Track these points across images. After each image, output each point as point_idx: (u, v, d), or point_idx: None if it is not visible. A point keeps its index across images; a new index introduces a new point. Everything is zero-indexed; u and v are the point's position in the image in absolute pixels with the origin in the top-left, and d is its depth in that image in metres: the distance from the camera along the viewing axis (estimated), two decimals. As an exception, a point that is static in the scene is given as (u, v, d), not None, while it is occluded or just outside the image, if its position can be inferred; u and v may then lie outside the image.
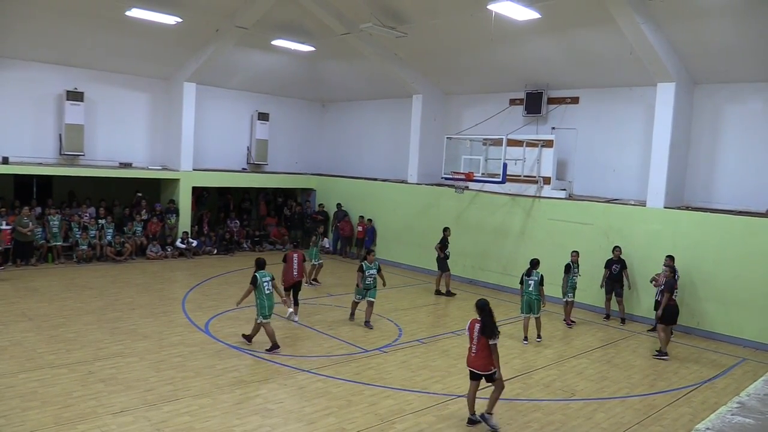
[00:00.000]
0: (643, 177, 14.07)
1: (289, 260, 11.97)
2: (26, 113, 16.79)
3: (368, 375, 9.31)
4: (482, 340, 7.54)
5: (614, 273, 13.31)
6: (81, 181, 18.00)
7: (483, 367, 7.57)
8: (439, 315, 13.41)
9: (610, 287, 13.48)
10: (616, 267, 13.29)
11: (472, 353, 7.66)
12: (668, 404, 8.86)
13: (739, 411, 2.89)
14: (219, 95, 20.31)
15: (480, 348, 7.57)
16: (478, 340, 7.58)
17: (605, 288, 13.58)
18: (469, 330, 7.75)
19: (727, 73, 13.21)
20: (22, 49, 16.19)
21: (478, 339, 7.59)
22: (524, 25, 13.55)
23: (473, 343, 7.65)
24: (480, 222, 16.76)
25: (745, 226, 12.23)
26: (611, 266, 13.38)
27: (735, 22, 11.72)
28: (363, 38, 16.78)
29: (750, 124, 13.28)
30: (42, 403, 7.51)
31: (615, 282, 13.37)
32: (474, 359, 7.65)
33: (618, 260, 13.30)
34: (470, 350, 7.71)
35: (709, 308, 12.68)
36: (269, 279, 10.14)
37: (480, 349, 7.57)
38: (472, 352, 7.66)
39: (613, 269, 13.33)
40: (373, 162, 21.45)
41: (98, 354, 9.46)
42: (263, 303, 10.01)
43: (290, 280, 11.95)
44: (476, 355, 7.61)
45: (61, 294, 13.08)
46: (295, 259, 11.97)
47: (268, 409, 7.85)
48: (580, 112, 15.95)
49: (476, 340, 7.60)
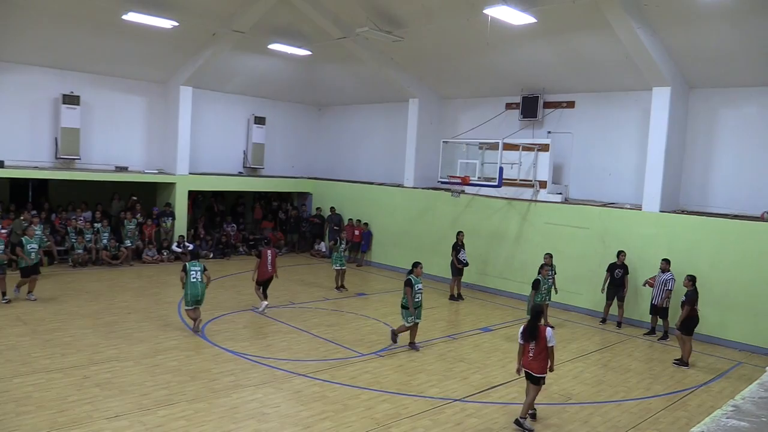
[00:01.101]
0: (639, 181, 14.11)
1: (264, 256, 12.90)
2: (22, 117, 16.75)
3: (364, 379, 9.30)
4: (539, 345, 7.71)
5: (616, 277, 13.28)
6: (77, 185, 17.95)
7: (537, 369, 7.73)
8: (435, 319, 13.40)
9: (612, 292, 13.43)
10: (618, 272, 13.27)
11: (529, 356, 7.78)
12: (664, 408, 8.88)
13: (734, 414, 2.90)
14: (215, 99, 20.32)
15: (537, 351, 7.72)
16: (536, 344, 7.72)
17: (607, 292, 13.57)
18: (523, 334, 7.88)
19: (722, 78, 13.28)
20: (18, 53, 16.16)
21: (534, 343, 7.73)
22: (520, 30, 13.59)
23: (529, 347, 7.78)
24: (476, 226, 16.77)
25: (741, 230, 12.27)
26: (614, 270, 13.40)
27: (730, 27, 11.78)
28: (359, 42, 16.82)
29: (745, 129, 13.34)
30: (37, 408, 7.48)
31: (617, 286, 13.34)
32: (528, 362, 7.79)
33: (622, 265, 13.30)
34: (527, 354, 7.81)
35: (704, 312, 12.64)
36: (198, 269, 10.94)
37: (537, 352, 7.71)
38: (530, 356, 7.78)
39: (616, 273, 13.32)
40: (370, 166, 21.46)
41: (93, 358, 9.42)
42: (186, 290, 10.88)
43: (264, 275, 12.87)
44: (533, 357, 7.74)
45: (56, 298, 13.03)
46: (269, 255, 12.90)
47: (264, 413, 7.83)
48: (576, 116, 16.00)
49: (533, 344, 7.74)
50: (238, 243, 20.38)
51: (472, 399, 8.76)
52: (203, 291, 11.02)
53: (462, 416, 8.14)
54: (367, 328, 12.25)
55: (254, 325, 11.99)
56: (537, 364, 7.73)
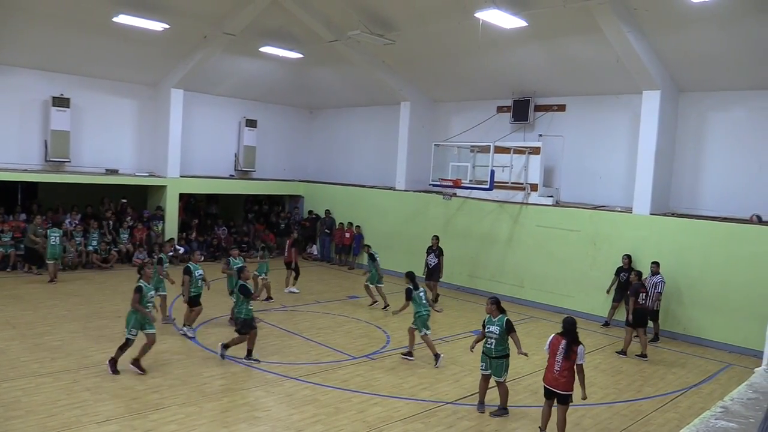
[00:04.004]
0: (629, 184, 14.18)
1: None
2: (11, 119, 16.64)
3: (356, 382, 9.28)
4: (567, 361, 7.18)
5: (622, 281, 13.27)
6: (67, 188, 17.84)
7: (564, 386, 7.23)
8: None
9: (618, 295, 13.42)
10: (623, 275, 13.28)
11: (555, 371, 7.27)
12: (655, 410, 8.91)
13: (722, 415, 2.92)
14: (207, 102, 20.26)
15: (564, 367, 7.20)
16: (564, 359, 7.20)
17: (614, 295, 13.60)
18: (551, 346, 7.37)
19: (712, 82, 13.39)
20: (8, 55, 16.05)
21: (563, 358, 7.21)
22: (511, 34, 13.65)
23: (555, 360, 7.26)
24: (468, 229, 16.80)
25: (730, 233, 12.36)
26: (620, 274, 13.43)
27: (719, 31, 11.88)
28: (351, 45, 16.82)
29: (734, 132, 13.45)
30: (26, 413, 7.41)
31: (624, 290, 13.30)
32: (554, 378, 7.29)
33: (628, 268, 13.30)
34: (552, 368, 7.31)
35: (694, 314, 12.78)
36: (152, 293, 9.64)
37: (564, 368, 7.20)
38: (555, 370, 7.27)
39: (621, 277, 13.33)
40: (361, 169, 21.46)
41: (83, 362, 9.36)
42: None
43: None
44: (559, 373, 7.24)
45: (45, 301, 12.93)
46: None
47: (255, 417, 7.81)
48: (566, 119, 16.07)
49: (561, 359, 7.22)
50: (229, 246, 20.26)
51: (465, 402, 8.76)
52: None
53: (454, 419, 8.14)
54: (358, 331, 12.24)
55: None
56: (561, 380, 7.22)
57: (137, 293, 9.09)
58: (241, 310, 9.79)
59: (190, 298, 11.27)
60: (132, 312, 9.11)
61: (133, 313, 9.08)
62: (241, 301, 9.80)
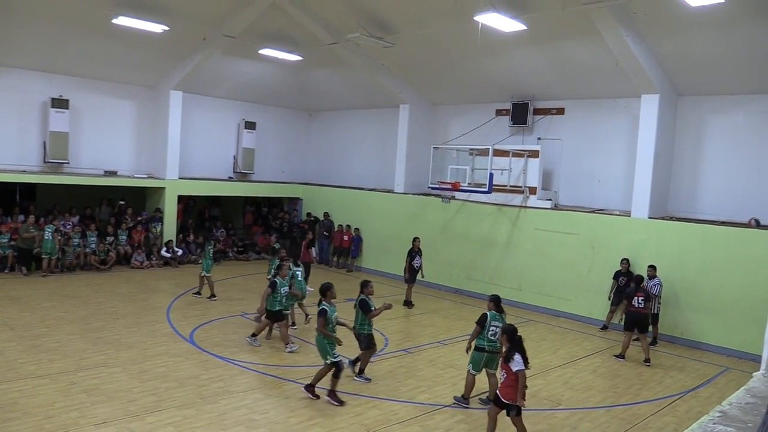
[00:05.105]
0: (628, 187, 14.19)
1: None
2: (10, 120, 16.62)
3: (354, 385, 9.27)
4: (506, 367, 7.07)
5: (621, 285, 13.27)
6: (65, 190, 17.82)
7: (506, 395, 7.09)
8: (425, 325, 13.40)
9: (617, 299, 13.37)
10: (622, 279, 13.29)
11: (501, 378, 7.27)
12: (653, 413, 8.91)
13: (720, 420, 2.92)
14: (206, 104, 20.26)
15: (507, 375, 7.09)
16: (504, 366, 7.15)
17: (612, 299, 13.60)
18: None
19: (710, 86, 13.41)
20: (7, 56, 16.04)
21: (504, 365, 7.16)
22: (510, 37, 13.66)
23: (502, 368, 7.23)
24: (466, 232, 16.80)
25: (728, 236, 12.38)
26: (618, 278, 13.43)
27: (718, 35, 11.90)
28: (350, 48, 16.83)
29: (732, 136, 13.47)
30: (23, 414, 7.39)
31: (622, 294, 13.31)
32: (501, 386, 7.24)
33: (626, 273, 13.30)
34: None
35: (692, 317, 12.79)
36: None
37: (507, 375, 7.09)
38: (501, 378, 7.26)
39: (620, 281, 13.34)
40: (360, 171, 21.45)
41: (81, 364, 9.34)
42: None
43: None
44: (503, 382, 7.17)
45: (43, 303, 12.90)
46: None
47: (253, 419, 7.79)
48: (565, 122, 16.09)
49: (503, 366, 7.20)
50: (228, 248, 20.28)
51: (462, 404, 8.74)
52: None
53: (452, 422, 8.14)
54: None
55: (243, 331, 11.90)
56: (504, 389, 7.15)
57: (321, 317, 8.56)
58: (364, 327, 9.40)
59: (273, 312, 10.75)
60: (320, 337, 8.62)
61: (322, 338, 8.60)
62: (362, 316, 9.41)
